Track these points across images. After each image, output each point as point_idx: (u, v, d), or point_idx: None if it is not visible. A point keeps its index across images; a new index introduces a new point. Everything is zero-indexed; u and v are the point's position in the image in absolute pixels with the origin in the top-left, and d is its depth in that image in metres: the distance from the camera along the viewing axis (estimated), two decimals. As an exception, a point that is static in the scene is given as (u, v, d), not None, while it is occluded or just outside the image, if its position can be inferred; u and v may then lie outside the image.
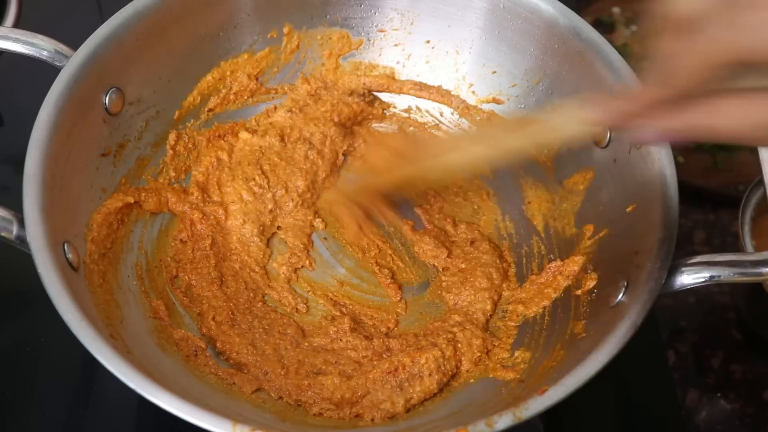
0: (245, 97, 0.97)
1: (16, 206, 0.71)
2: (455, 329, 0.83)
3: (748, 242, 0.89)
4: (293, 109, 0.96)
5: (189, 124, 0.93)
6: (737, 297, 1.00)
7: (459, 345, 0.82)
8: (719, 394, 0.94)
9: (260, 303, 0.87)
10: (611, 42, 0.86)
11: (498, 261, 0.90)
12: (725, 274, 0.71)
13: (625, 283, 0.75)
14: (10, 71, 1.06)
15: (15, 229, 0.70)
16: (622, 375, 0.90)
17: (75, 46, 0.81)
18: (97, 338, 0.65)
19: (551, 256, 0.90)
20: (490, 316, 0.87)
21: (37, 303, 0.69)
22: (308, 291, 0.89)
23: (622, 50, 1.19)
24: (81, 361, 0.86)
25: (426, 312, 0.89)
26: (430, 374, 0.79)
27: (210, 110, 0.94)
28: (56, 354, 0.87)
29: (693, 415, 0.93)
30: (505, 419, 0.63)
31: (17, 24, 1.02)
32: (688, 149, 1.10)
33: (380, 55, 0.99)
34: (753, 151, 0.82)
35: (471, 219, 0.95)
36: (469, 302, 0.87)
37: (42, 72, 0.81)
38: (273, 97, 0.98)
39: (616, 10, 1.26)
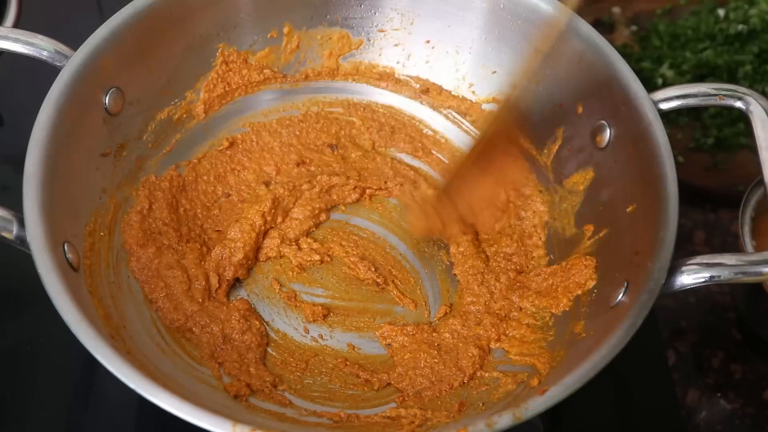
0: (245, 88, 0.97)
1: (16, 206, 0.71)
2: None
3: (748, 242, 0.89)
4: None
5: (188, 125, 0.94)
6: (737, 297, 1.00)
7: None
8: (719, 394, 0.94)
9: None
10: (611, 42, 0.86)
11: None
12: (725, 275, 0.72)
13: (625, 283, 0.75)
14: (10, 71, 1.05)
15: (15, 229, 0.70)
16: (622, 375, 0.90)
17: (75, 46, 0.81)
18: (97, 338, 0.65)
19: (551, 256, 0.90)
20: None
21: (37, 303, 0.69)
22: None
23: (622, 50, 1.19)
24: (81, 361, 0.86)
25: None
26: None
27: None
28: (56, 354, 0.87)
29: (693, 415, 0.92)
30: (505, 419, 0.63)
31: (17, 24, 1.02)
32: (688, 149, 1.10)
33: (380, 55, 1.00)
34: (753, 151, 0.81)
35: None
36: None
37: (42, 72, 0.81)
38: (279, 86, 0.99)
39: (616, 10, 1.26)
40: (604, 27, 1.24)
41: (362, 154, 0.98)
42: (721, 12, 1.20)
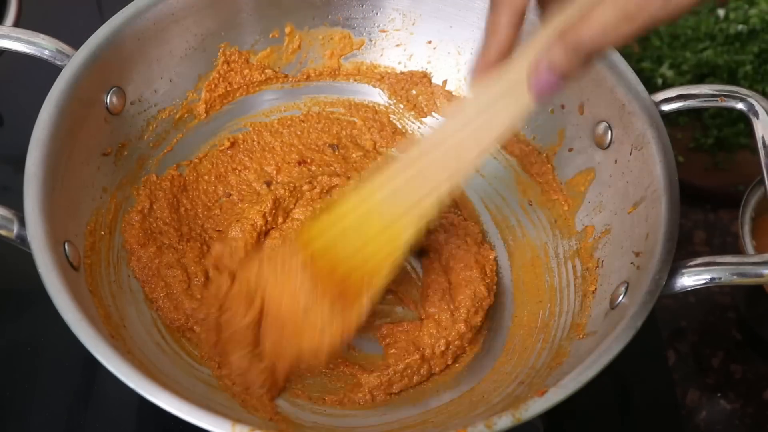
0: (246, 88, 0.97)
1: (16, 206, 0.71)
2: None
3: (748, 242, 0.88)
4: None
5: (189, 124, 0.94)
6: (737, 297, 1.00)
7: None
8: (719, 394, 0.94)
9: None
10: (612, 42, 0.86)
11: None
12: (726, 276, 0.72)
13: (626, 285, 0.75)
14: (10, 71, 1.05)
15: (15, 228, 0.70)
16: (622, 375, 0.90)
17: (75, 45, 0.81)
18: (97, 338, 0.65)
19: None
20: None
21: (37, 303, 0.70)
22: None
23: (622, 50, 1.19)
24: (81, 361, 0.86)
25: None
26: None
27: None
28: (56, 354, 0.87)
29: (693, 415, 0.92)
30: (505, 420, 0.63)
31: (17, 23, 1.02)
32: (688, 149, 1.10)
33: (381, 55, 0.99)
34: (753, 151, 0.81)
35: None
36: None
37: (42, 72, 0.81)
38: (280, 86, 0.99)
39: (616, 10, 1.26)
40: (605, 27, 1.24)
41: (363, 155, 0.98)
42: (721, 12, 1.20)
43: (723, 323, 0.99)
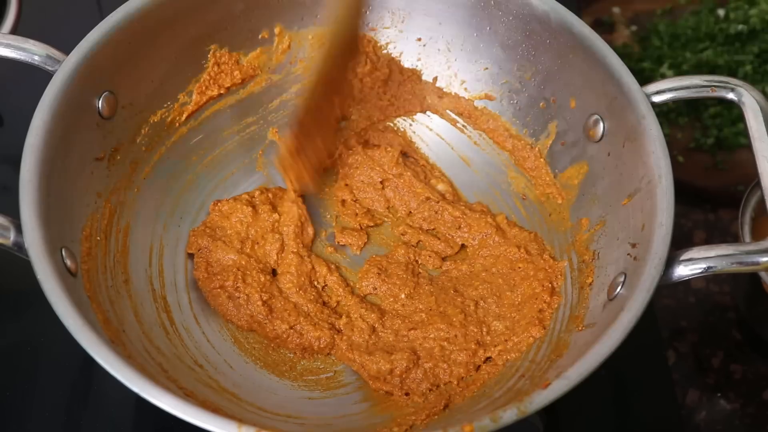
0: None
1: (16, 206, 0.70)
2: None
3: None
4: None
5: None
6: (737, 297, 1.00)
7: None
8: (719, 394, 0.94)
9: None
10: (611, 42, 0.86)
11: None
12: (722, 264, 0.72)
13: (623, 276, 0.75)
14: (11, 71, 1.04)
15: (12, 235, 0.70)
16: (621, 375, 0.90)
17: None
18: (99, 344, 0.65)
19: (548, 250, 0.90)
20: None
21: (37, 303, 0.69)
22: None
23: (622, 50, 1.19)
24: (80, 361, 0.87)
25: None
26: None
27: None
28: (56, 354, 0.87)
29: (693, 415, 0.93)
30: (510, 414, 0.63)
31: (16, 26, 1.01)
32: (688, 149, 1.10)
33: (371, 53, 1.00)
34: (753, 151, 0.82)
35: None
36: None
37: (42, 72, 0.80)
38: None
39: (616, 10, 1.26)
40: (604, 27, 1.23)
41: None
42: (721, 12, 1.21)
43: (723, 323, 0.99)
